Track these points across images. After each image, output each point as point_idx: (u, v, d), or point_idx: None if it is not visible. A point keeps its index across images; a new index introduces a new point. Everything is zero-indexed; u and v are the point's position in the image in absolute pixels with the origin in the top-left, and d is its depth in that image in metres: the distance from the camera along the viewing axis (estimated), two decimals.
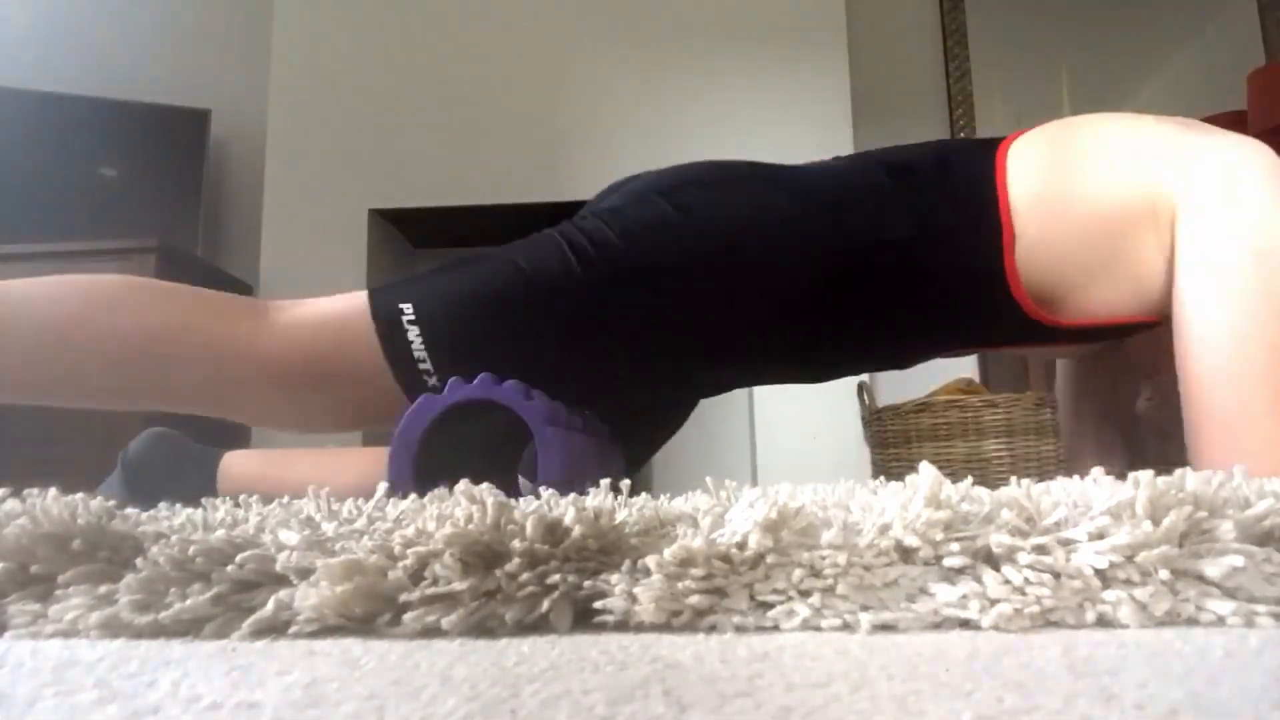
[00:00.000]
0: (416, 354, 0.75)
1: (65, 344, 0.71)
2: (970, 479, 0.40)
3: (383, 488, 0.45)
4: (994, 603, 0.31)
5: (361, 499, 0.47)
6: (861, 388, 1.53)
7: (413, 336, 0.75)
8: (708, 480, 0.46)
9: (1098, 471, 0.40)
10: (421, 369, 0.75)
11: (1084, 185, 0.76)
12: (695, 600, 0.31)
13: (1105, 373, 0.96)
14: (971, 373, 2.16)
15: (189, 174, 2.32)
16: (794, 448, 2.05)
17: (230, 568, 0.33)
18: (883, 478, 0.85)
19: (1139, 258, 0.75)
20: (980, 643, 0.28)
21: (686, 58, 2.23)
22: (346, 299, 0.78)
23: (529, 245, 0.79)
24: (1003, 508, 0.34)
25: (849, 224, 0.80)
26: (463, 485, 0.38)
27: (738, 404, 2.17)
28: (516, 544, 0.32)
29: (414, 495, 0.44)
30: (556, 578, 0.32)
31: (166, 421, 1.06)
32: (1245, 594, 0.31)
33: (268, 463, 1.01)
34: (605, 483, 0.42)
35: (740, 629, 0.31)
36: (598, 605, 0.32)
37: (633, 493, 0.47)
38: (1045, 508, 0.34)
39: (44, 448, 1.74)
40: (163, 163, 2.33)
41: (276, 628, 0.32)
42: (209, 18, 2.60)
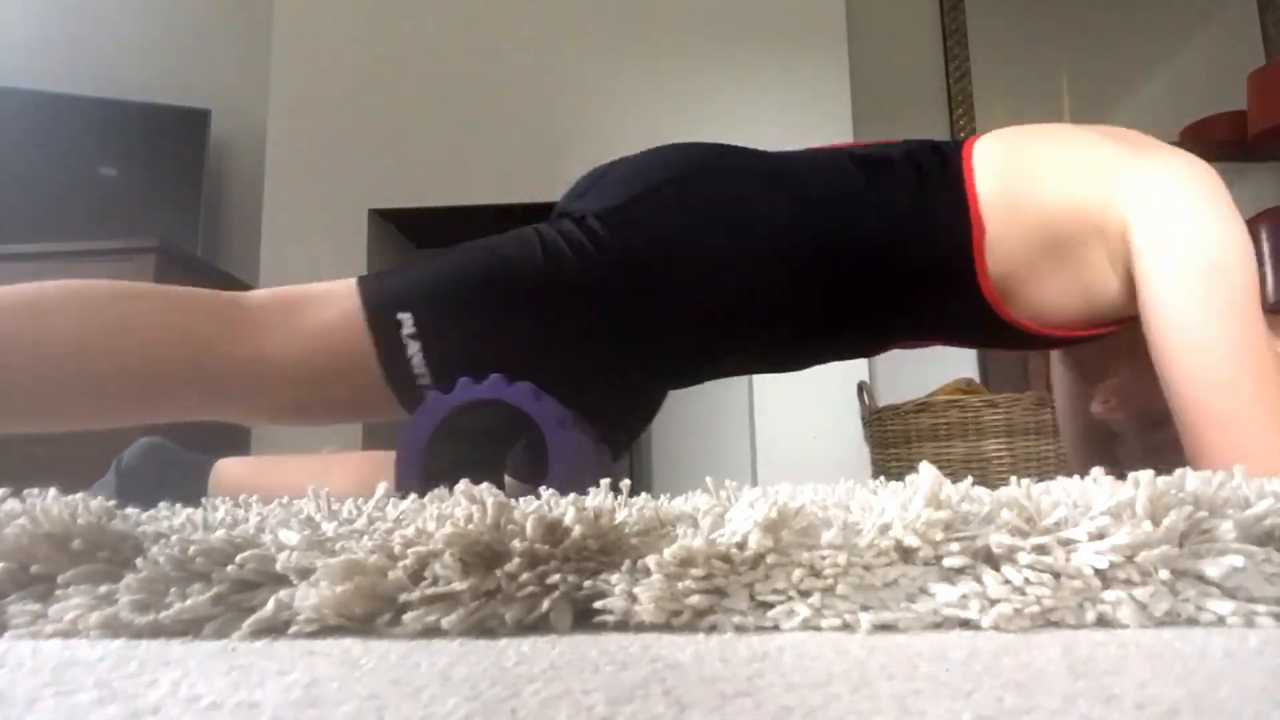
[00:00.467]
0: (416, 371, 0.74)
1: (48, 360, 0.68)
2: (970, 479, 0.40)
3: (383, 487, 0.45)
4: (994, 603, 0.31)
5: (361, 499, 0.46)
6: (861, 388, 1.52)
7: (412, 352, 0.74)
8: (708, 480, 0.46)
9: (1098, 471, 0.40)
10: (420, 383, 0.75)
11: (1037, 191, 0.79)
12: (695, 600, 0.31)
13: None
14: (971, 373, 2.16)
15: (189, 174, 2.32)
16: (794, 448, 2.05)
17: (230, 568, 0.33)
18: (883, 478, 0.85)
19: (1087, 266, 0.79)
20: (980, 643, 0.28)
21: (686, 58, 2.23)
22: (337, 305, 0.75)
23: (520, 244, 0.79)
24: (1003, 508, 0.34)
25: (827, 220, 0.81)
26: (463, 485, 0.38)
27: (738, 404, 2.17)
28: (516, 544, 0.32)
29: (415, 495, 0.44)
30: (556, 578, 0.32)
31: (164, 427, 1.06)
32: (1245, 594, 0.31)
33: (261, 469, 1.01)
34: (605, 482, 0.42)
35: (740, 629, 0.31)
36: (598, 605, 0.32)
37: (633, 493, 0.47)
38: (1045, 508, 0.34)
39: (44, 448, 1.74)
40: (163, 163, 2.33)
41: (276, 628, 0.32)
42: (209, 18, 2.60)
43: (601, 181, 0.86)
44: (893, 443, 1.78)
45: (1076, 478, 0.42)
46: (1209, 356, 0.69)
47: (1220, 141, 2.31)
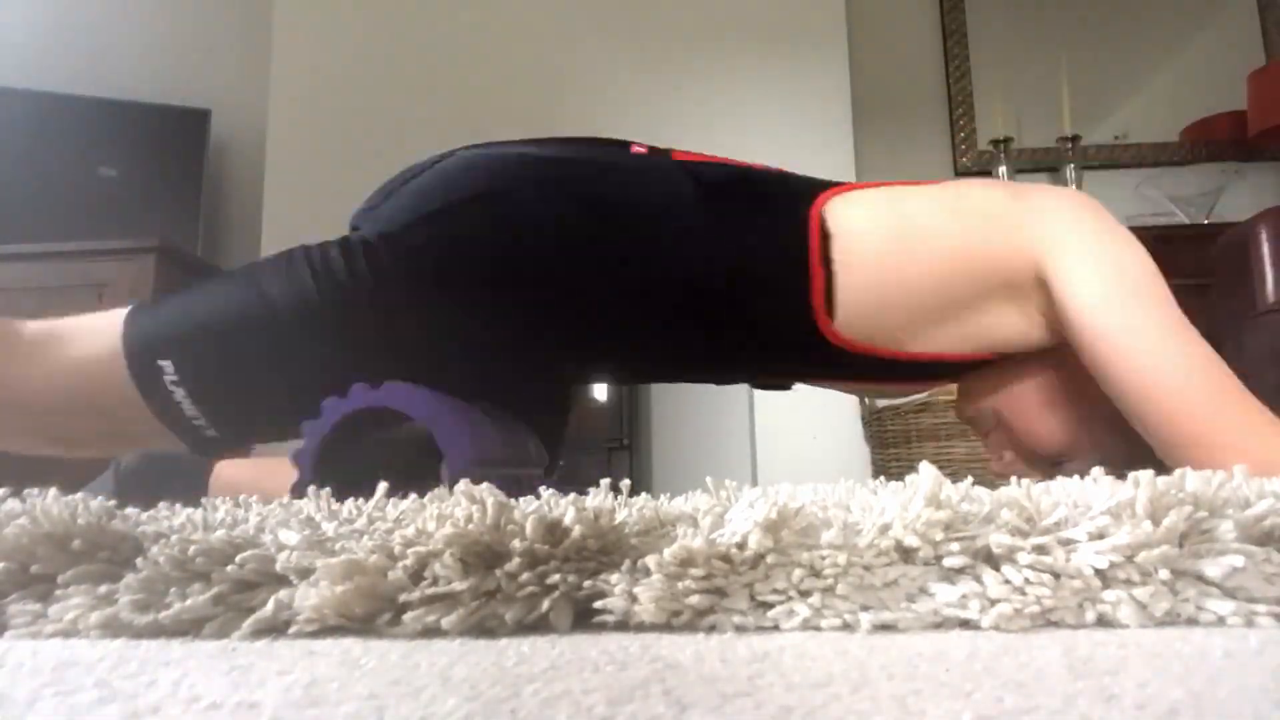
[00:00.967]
0: (189, 414, 0.73)
1: None
2: (970, 479, 0.40)
3: (383, 487, 0.45)
4: (994, 603, 0.31)
5: (361, 499, 0.46)
6: None
7: (180, 398, 0.72)
8: (708, 480, 0.46)
9: (1098, 471, 0.40)
10: (196, 424, 0.74)
11: (919, 268, 0.76)
12: (695, 600, 0.31)
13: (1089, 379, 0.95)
14: None
15: (189, 174, 2.32)
16: (794, 448, 2.05)
17: (230, 568, 0.33)
18: (883, 478, 0.85)
19: (982, 320, 0.77)
20: (980, 643, 0.28)
21: (686, 58, 2.23)
22: (101, 341, 0.72)
23: (288, 275, 0.75)
24: (1003, 508, 0.34)
25: (647, 247, 0.77)
26: (463, 485, 0.38)
27: (738, 404, 2.17)
28: (516, 544, 0.32)
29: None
30: (556, 578, 0.32)
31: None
32: (1245, 594, 0.31)
33: (260, 471, 1.01)
34: (605, 482, 0.42)
35: (740, 629, 0.31)
36: (598, 605, 0.32)
37: (633, 493, 0.47)
38: (1045, 508, 0.34)
39: None
40: (163, 163, 2.33)
41: (276, 628, 0.32)
42: (209, 18, 2.60)
43: (398, 193, 0.83)
44: (893, 443, 1.78)
45: (1076, 478, 0.42)
46: (1174, 374, 0.68)
47: (1220, 141, 2.31)
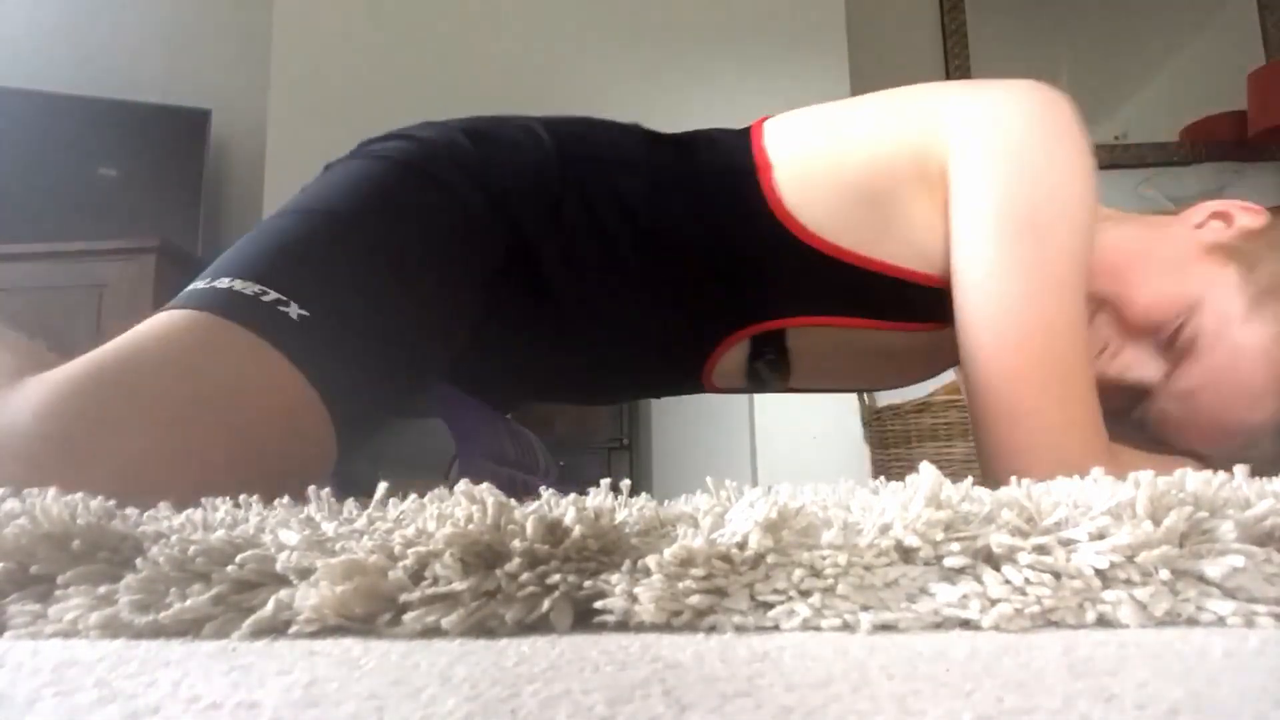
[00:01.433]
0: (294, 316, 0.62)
1: None
2: (970, 479, 0.40)
3: (383, 487, 0.45)
4: (994, 603, 0.31)
5: (361, 499, 0.46)
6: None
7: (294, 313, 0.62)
8: (708, 480, 0.46)
9: (1098, 471, 0.40)
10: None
11: (842, 147, 0.69)
12: (695, 600, 0.31)
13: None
14: None
15: (189, 174, 2.32)
16: (794, 448, 2.05)
17: (230, 568, 0.33)
18: (883, 478, 0.85)
19: (911, 219, 0.67)
20: (980, 643, 0.28)
21: (686, 57, 2.23)
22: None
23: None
24: (1003, 508, 0.34)
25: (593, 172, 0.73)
26: (463, 485, 0.38)
27: (738, 405, 2.17)
28: (517, 544, 0.32)
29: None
30: (557, 578, 0.32)
31: None
32: (1245, 594, 0.31)
33: None
34: (605, 482, 0.42)
35: (740, 629, 0.31)
36: (598, 605, 0.32)
37: (633, 493, 0.47)
38: (1045, 508, 0.34)
39: None
40: (163, 163, 2.33)
41: (276, 628, 0.32)
42: (209, 18, 2.60)
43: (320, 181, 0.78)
44: (893, 443, 1.78)
45: (1076, 478, 0.42)
46: (1018, 329, 0.58)
47: (1220, 141, 2.31)
